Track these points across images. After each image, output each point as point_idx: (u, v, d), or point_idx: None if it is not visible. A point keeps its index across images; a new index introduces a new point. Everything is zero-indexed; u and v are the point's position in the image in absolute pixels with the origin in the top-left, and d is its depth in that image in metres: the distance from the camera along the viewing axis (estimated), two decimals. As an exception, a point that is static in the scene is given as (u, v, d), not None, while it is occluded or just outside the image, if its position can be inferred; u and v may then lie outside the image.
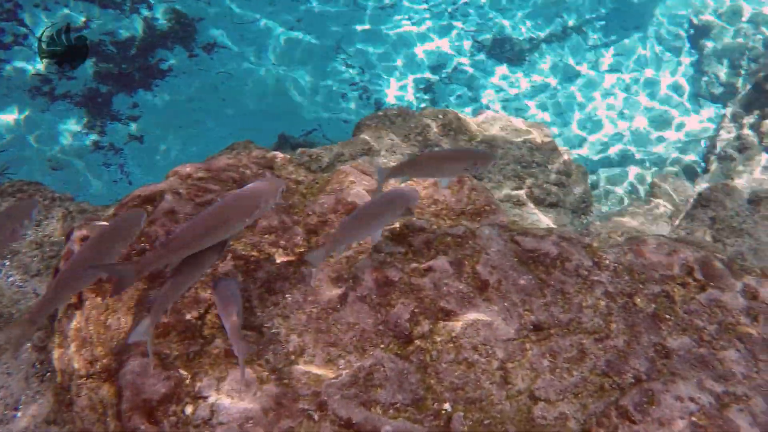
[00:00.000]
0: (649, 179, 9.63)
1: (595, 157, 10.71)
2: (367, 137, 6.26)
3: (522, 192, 6.28)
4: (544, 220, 6.16)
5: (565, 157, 6.83)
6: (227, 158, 4.11)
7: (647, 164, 10.29)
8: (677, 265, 3.76)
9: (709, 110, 10.99)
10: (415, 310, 3.26)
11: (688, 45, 12.11)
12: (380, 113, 6.64)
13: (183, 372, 2.91)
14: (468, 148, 6.11)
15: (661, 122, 10.88)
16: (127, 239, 3.03)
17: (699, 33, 11.89)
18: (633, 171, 9.98)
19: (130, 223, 3.05)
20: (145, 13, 11.40)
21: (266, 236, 3.60)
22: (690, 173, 9.76)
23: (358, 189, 3.97)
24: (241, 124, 10.91)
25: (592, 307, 3.45)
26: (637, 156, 10.41)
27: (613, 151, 10.76)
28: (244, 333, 3.17)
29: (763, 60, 10.78)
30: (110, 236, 2.96)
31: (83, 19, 10.62)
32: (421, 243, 3.62)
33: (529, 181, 6.35)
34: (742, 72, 11.06)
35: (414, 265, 3.48)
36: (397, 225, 3.78)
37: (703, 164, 9.35)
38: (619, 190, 9.57)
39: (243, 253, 3.47)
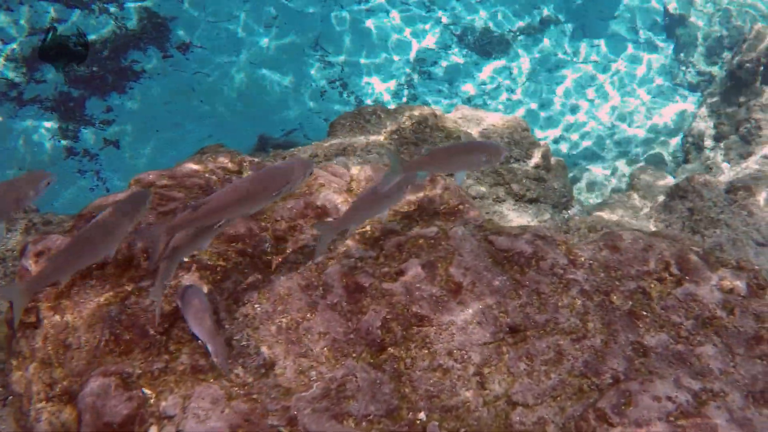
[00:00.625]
0: (628, 171, 9.63)
1: (575, 150, 10.70)
2: (341, 137, 6.17)
3: (501, 189, 6.22)
4: (525, 216, 6.12)
5: (544, 150, 6.78)
6: (193, 164, 4.00)
7: (626, 156, 10.29)
8: (653, 260, 3.71)
9: (687, 99, 11.02)
10: (388, 317, 3.18)
11: (663, 34, 12.13)
12: (355, 111, 6.56)
13: (147, 391, 2.81)
14: (483, 141, 6.00)
15: (639, 112, 10.88)
16: (134, 218, 3.05)
17: (674, 22, 11.91)
18: (612, 163, 9.98)
19: (136, 202, 3.07)
20: (116, 12, 11.16)
21: (233, 244, 3.50)
22: (669, 164, 9.77)
23: (328, 192, 3.88)
24: (220, 125, 10.75)
25: (568, 306, 3.39)
26: (616, 147, 10.41)
27: (592, 142, 10.75)
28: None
29: (738, 45, 10.80)
30: (116, 214, 2.98)
31: (50, 18, 10.38)
32: (393, 246, 3.54)
33: (508, 177, 6.29)
34: (719, 60, 11.09)
35: (385, 269, 3.39)
36: (368, 227, 3.70)
37: (681, 154, 9.36)
38: (599, 183, 9.56)
39: (209, 263, 3.37)
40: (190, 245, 3.04)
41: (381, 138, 6.14)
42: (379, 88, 11.44)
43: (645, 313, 3.46)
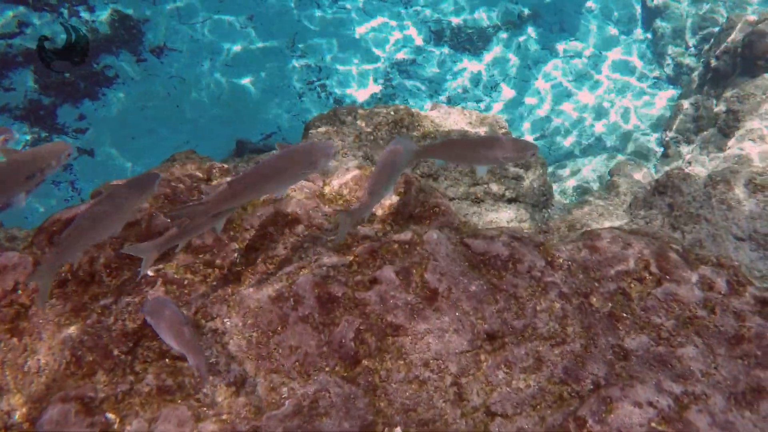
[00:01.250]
0: (609, 166, 9.61)
1: (554, 145, 10.66)
2: (316, 139, 6.05)
3: (479, 188, 6.14)
4: (504, 216, 6.04)
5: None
6: (159, 173, 3.86)
7: (605, 150, 10.27)
8: (632, 260, 3.64)
9: (666, 92, 11.03)
10: (361, 328, 3.08)
11: (641, 27, 12.14)
12: (330, 113, 6.43)
13: (110, 416, 2.69)
14: (507, 136, 5.78)
15: (618, 106, 10.87)
16: (143, 197, 3.06)
17: (652, 14, 11.91)
18: (591, 158, 9.95)
19: (147, 181, 3.05)
20: (86, 16, 10.93)
21: (201, 256, 3.38)
22: (648, 157, 9.77)
23: (298, 198, 3.77)
24: (196, 130, 10.57)
25: (547, 310, 3.31)
26: (595, 142, 10.38)
27: (571, 137, 10.72)
28: (181, 365, 2.97)
29: (714, 36, 10.82)
30: (126, 192, 2.97)
31: (17, 22, 10.14)
32: (366, 253, 3.44)
33: (486, 177, 6.20)
34: (696, 52, 11.11)
35: (359, 277, 3.29)
36: (341, 236, 3.60)
37: (661, 148, 9.35)
38: (579, 179, 9.52)
39: (176, 276, 3.25)
40: (207, 224, 3.08)
41: (357, 139, 6.04)
42: (357, 88, 11.33)
43: (625, 314, 3.40)
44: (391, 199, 3.91)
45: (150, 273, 3.16)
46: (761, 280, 5.02)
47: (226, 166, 4.25)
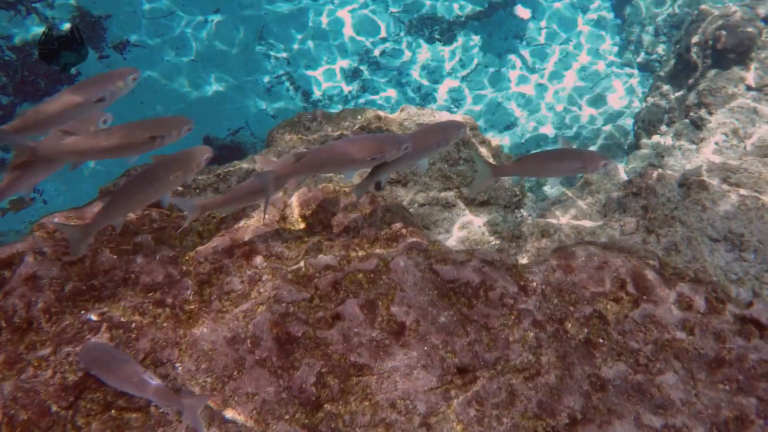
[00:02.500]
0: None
1: (526, 136, 10.51)
2: (280, 148, 5.81)
3: (451, 193, 5.96)
4: (476, 221, 5.88)
5: (495, 148, 6.54)
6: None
7: (577, 140, 10.13)
8: (608, 280, 3.49)
9: (637, 80, 10.93)
10: (323, 370, 2.88)
11: (612, 14, 12.02)
12: (294, 119, 6.18)
13: (47, 482, 2.47)
14: (579, 149, 6.03)
15: (590, 96, 10.74)
16: (188, 171, 3.13)
17: (622, 1, 11.78)
18: (566, 150, 9.79)
19: (190, 157, 3.16)
20: (45, 12, 10.49)
21: (150, 294, 3.15)
22: (621, 150, 9.66)
23: (257, 225, 3.55)
24: None
25: (520, 340, 3.15)
26: (568, 133, 10.25)
27: (544, 130, 10.57)
28: (129, 417, 2.74)
29: (685, 26, 10.73)
30: (169, 164, 3.08)
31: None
32: (329, 285, 3.23)
33: (457, 181, 6.02)
34: (667, 40, 11.01)
35: (320, 313, 3.09)
36: (301, 263, 3.38)
37: (632, 138, 9.25)
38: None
39: (122, 320, 3.01)
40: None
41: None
42: (327, 81, 11.07)
43: (602, 340, 3.24)
44: (356, 222, 3.71)
45: (93, 317, 2.92)
46: (737, 283, 4.93)
47: (180, 188, 3.99)
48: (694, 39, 7.89)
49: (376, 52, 11.31)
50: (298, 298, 3.15)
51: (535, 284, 3.40)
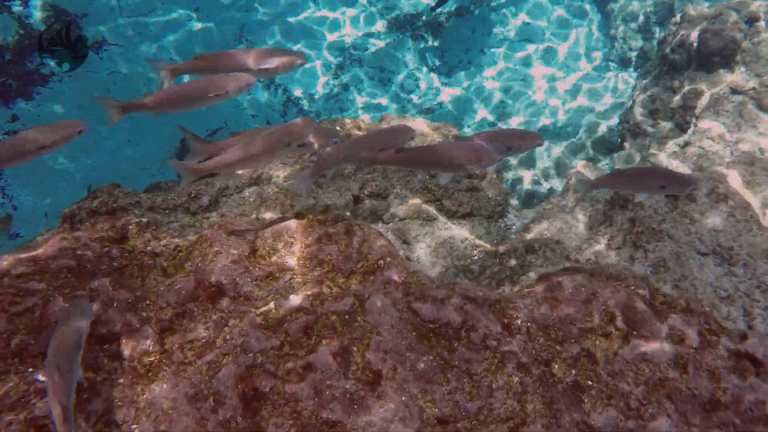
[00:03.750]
0: (567, 164, 9.32)
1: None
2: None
3: (432, 207, 5.76)
4: (458, 234, 5.68)
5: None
6: (60, 239, 3.35)
7: (558, 138, 9.94)
8: (597, 314, 3.31)
9: (622, 76, 10.78)
10: (292, 431, 2.67)
11: (595, 8, 11.85)
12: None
13: None
14: (670, 171, 6.04)
15: (573, 93, 10.57)
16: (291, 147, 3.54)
17: (605, -3, 11.62)
18: (549, 150, 9.62)
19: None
20: (19, 11, 10.12)
21: (106, 347, 2.91)
22: (606, 149, 9.51)
23: (224, 263, 3.31)
24: (138, 129, 9.96)
25: (504, 387, 2.96)
26: (551, 132, 10.07)
27: (526, 126, 10.37)
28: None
29: (668, 23, 10.57)
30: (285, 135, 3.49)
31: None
32: (300, 329, 3.02)
33: (439, 193, 5.82)
34: (649, 36, 10.86)
35: (290, 364, 2.87)
36: (272, 305, 3.16)
37: (617, 139, 9.09)
38: (537, 172, 9.22)
39: (75, 377, 2.77)
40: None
41: (299, 161, 5.57)
42: (309, 79, 10.83)
43: (591, 382, 3.06)
44: (330, 255, 3.49)
45: (41, 377, 2.68)
46: (728, 301, 4.78)
47: (145, 220, 3.74)
48: (678, 40, 7.72)
49: (359, 50, 11.09)
50: (267, 346, 2.93)
51: (519, 322, 3.21)
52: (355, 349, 2.95)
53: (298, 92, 10.67)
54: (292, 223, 3.64)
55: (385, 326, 3.05)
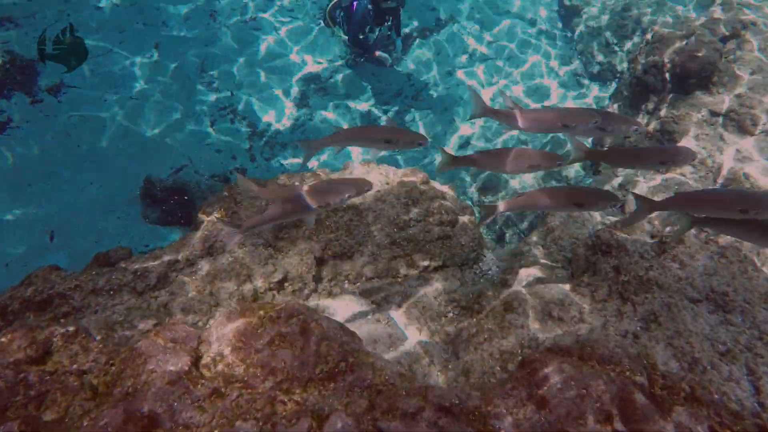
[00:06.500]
0: (536, 179, 8.98)
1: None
2: (208, 229, 5.11)
3: (402, 262, 5.34)
4: (430, 291, 5.25)
5: (450, 202, 5.93)
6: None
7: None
8: (591, 414, 2.90)
9: (592, 94, 10.54)
10: None
11: (560, 24, 11.63)
12: (224, 194, 5.48)
13: None
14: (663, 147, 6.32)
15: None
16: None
17: (570, 13, 11.38)
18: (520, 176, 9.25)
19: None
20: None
21: None
22: (578, 170, 9.19)
23: (160, 385, 2.85)
24: (101, 169, 9.45)
25: None
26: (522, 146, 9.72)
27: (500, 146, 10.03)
28: None
29: (636, 38, 10.35)
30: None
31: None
32: (249, 469, 2.57)
33: (409, 247, 5.41)
34: (617, 50, 10.63)
35: None
36: (216, 435, 2.71)
37: (591, 164, 8.77)
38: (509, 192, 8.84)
39: None
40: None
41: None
42: (271, 109, 10.44)
43: (589, 505, 2.65)
44: (284, 362, 3.05)
45: None
46: (728, 358, 4.40)
47: (72, 329, 3.26)
48: (650, 61, 7.43)
49: (323, 78, 10.75)
50: (208, 497, 2.47)
51: (503, 434, 2.79)
52: (313, 489, 2.51)
53: (264, 121, 10.26)
54: (241, 324, 3.19)
55: (348, 456, 2.61)
